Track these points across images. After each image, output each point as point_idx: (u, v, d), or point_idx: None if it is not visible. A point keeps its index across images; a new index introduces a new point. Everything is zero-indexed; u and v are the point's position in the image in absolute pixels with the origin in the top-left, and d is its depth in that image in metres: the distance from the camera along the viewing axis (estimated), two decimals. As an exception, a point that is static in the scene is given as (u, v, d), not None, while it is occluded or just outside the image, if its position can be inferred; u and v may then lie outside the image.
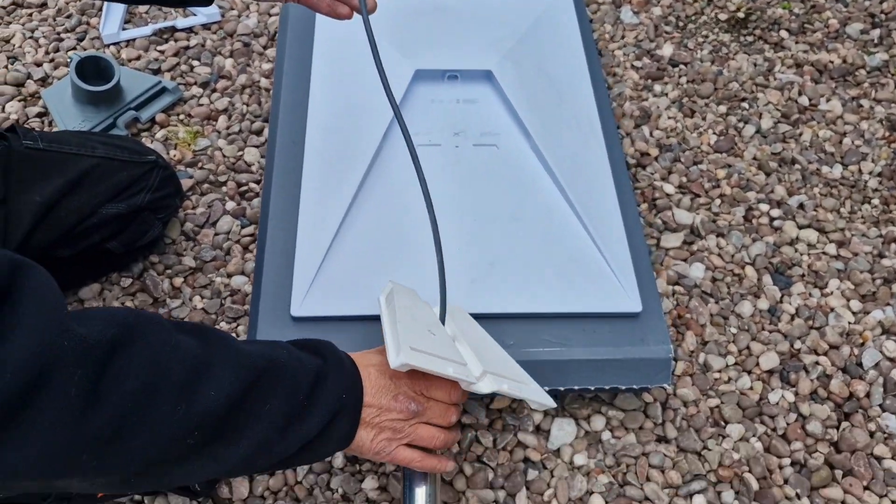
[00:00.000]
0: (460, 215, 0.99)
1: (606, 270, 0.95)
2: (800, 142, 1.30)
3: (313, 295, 0.92)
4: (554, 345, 0.92)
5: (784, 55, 1.43)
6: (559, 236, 0.98)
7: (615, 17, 1.47)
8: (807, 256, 1.16)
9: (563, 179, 1.02)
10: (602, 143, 1.09)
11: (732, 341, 1.07)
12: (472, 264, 0.95)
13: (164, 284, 1.07)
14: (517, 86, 1.11)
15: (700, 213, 1.19)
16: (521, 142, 1.08)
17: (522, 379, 0.80)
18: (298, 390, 0.60)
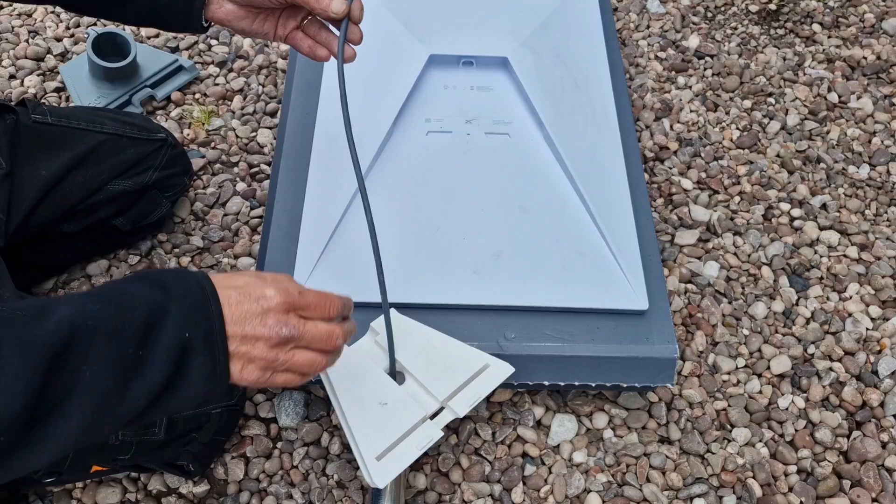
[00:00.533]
0: (467, 204, 0.98)
1: (614, 266, 0.93)
2: (826, 140, 1.26)
3: (315, 281, 0.91)
4: (556, 340, 0.90)
5: (815, 50, 1.39)
6: (567, 229, 0.96)
7: (641, 5, 1.44)
8: (826, 259, 1.12)
9: (575, 171, 0.99)
10: (617, 135, 1.06)
11: (744, 343, 1.04)
12: (476, 255, 0.94)
13: (172, 263, 1.07)
14: (533, 74, 1.09)
15: (718, 210, 1.16)
16: (533, 131, 1.05)
17: (476, 369, 0.79)
18: (125, 343, 0.51)
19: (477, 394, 0.78)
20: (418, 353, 0.82)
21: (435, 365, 0.81)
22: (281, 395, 0.96)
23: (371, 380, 0.79)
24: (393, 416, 0.75)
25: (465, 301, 0.91)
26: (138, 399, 0.51)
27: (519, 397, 0.98)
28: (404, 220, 0.96)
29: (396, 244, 0.94)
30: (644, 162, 1.21)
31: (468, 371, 0.80)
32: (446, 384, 0.79)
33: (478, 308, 0.91)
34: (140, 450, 0.79)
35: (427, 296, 0.91)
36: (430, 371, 0.80)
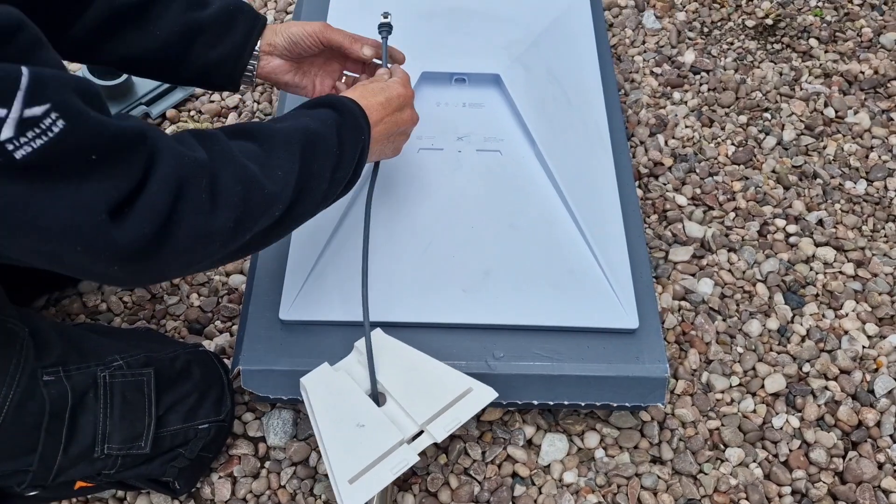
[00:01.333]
0: (457, 222, 0.97)
1: (604, 284, 0.93)
2: (823, 155, 1.25)
3: (303, 299, 0.91)
4: (545, 359, 0.89)
5: (812, 65, 1.38)
6: (558, 247, 0.96)
7: (637, 21, 1.43)
8: (822, 275, 1.11)
9: (566, 188, 0.99)
10: (610, 152, 1.06)
11: (738, 361, 1.03)
12: (465, 273, 0.93)
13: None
14: (525, 91, 1.09)
15: (712, 227, 1.15)
16: (525, 148, 1.05)
17: (458, 393, 0.78)
18: (331, 145, 0.71)
19: (457, 419, 0.77)
20: (400, 374, 0.82)
21: (416, 387, 0.80)
22: (270, 413, 0.96)
23: (350, 400, 0.79)
24: (369, 438, 0.75)
25: (453, 320, 0.90)
26: (338, 186, 0.74)
27: (509, 416, 0.97)
28: (394, 237, 0.96)
29: (385, 262, 0.93)
30: (638, 178, 1.21)
31: (450, 395, 0.79)
32: (426, 407, 0.78)
33: (467, 327, 0.91)
34: (125, 464, 0.79)
35: (415, 314, 0.90)
36: (411, 393, 0.80)
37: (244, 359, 0.88)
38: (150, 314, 1.04)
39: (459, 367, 0.85)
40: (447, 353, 0.88)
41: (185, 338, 1.02)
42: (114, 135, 0.53)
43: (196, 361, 0.86)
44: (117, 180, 0.53)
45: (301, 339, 0.90)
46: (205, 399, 0.85)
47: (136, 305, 1.05)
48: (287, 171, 0.66)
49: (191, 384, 0.84)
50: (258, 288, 0.94)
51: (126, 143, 0.54)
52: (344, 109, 0.75)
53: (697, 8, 1.46)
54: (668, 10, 1.46)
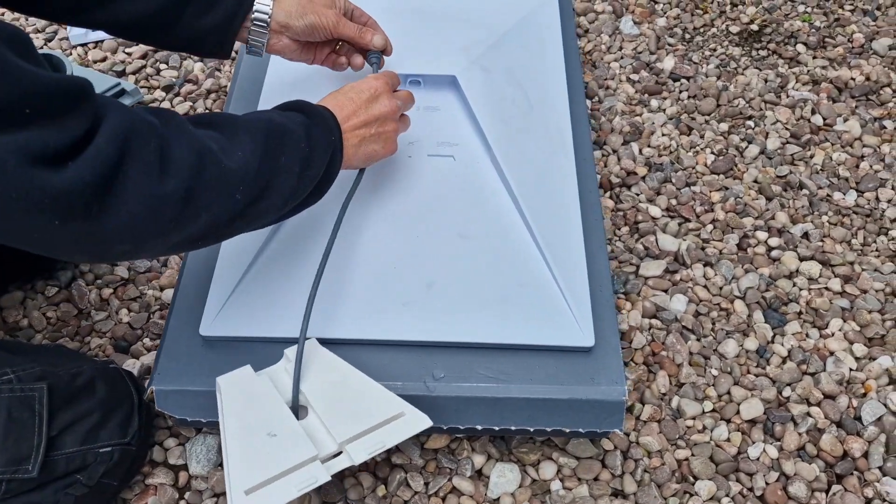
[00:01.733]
0: (402, 230, 0.90)
1: (558, 298, 0.84)
2: (810, 165, 1.17)
3: (227, 314, 0.83)
4: (490, 380, 0.81)
5: (799, 71, 1.30)
6: (510, 258, 0.88)
7: (614, 27, 1.36)
8: (806, 292, 1.02)
9: (521, 196, 0.91)
10: (572, 158, 0.98)
11: (712, 384, 0.94)
12: (407, 285, 0.85)
13: (92, 295, 1.00)
14: (482, 93, 1.01)
15: (687, 239, 1.07)
16: (481, 154, 0.98)
17: (390, 415, 0.71)
18: (300, 140, 0.69)
19: (381, 442, 0.69)
20: (328, 388, 0.74)
21: (343, 404, 0.73)
22: (194, 439, 0.88)
23: (267, 407, 0.71)
24: (279, 449, 0.67)
25: (390, 336, 0.82)
26: (308, 185, 0.71)
27: (457, 443, 0.89)
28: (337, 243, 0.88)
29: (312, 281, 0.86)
30: (609, 188, 1.13)
31: (378, 416, 0.72)
32: (349, 426, 0.70)
33: (405, 344, 0.83)
34: (10, 490, 0.70)
35: (348, 330, 0.82)
36: (336, 410, 0.72)
37: (158, 378, 0.81)
38: (73, 331, 0.97)
39: (395, 388, 0.77)
40: (381, 372, 0.80)
41: (109, 356, 0.94)
42: (47, 86, 0.50)
43: (102, 378, 0.79)
44: (55, 130, 0.50)
45: (223, 357, 0.82)
46: (108, 419, 0.77)
47: (60, 321, 0.98)
48: (248, 153, 0.64)
49: (93, 402, 0.76)
50: (181, 300, 0.87)
51: (64, 97, 0.51)
52: (312, 111, 0.74)
53: (679, 14, 1.39)
54: (647, 15, 1.39)
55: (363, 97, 0.80)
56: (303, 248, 0.88)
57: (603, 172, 1.14)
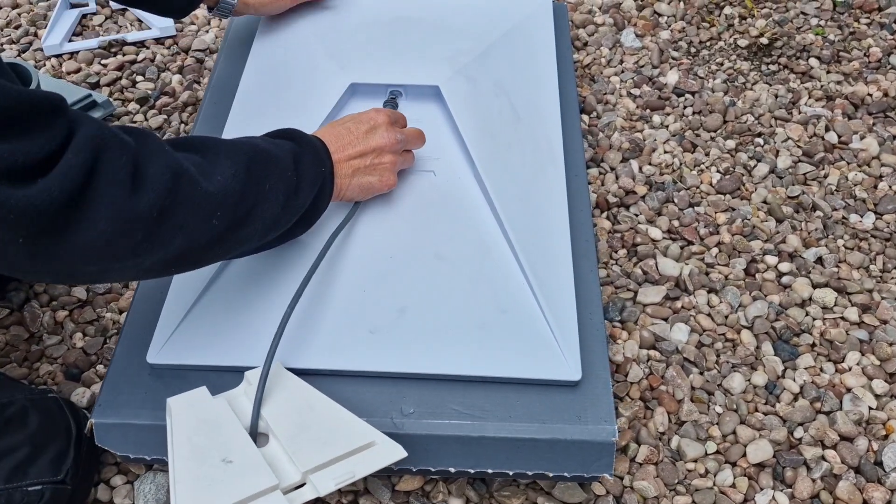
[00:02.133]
0: (373, 250, 0.83)
1: (543, 326, 0.76)
2: (824, 185, 1.09)
3: (176, 341, 0.76)
4: (463, 416, 0.72)
5: (812, 86, 1.23)
6: (490, 281, 0.80)
7: (615, 39, 1.30)
8: (820, 322, 0.94)
9: (505, 214, 0.84)
10: (562, 174, 0.91)
11: (716, 423, 0.85)
12: (375, 310, 0.78)
13: (46, 317, 0.93)
14: (466, 105, 0.94)
15: (690, 264, 0.99)
16: (463, 169, 0.91)
17: (361, 444, 0.65)
18: (286, 168, 0.67)
19: (351, 472, 0.62)
20: (293, 414, 0.67)
21: (308, 431, 0.66)
22: (143, 476, 0.80)
23: (223, 432, 0.64)
24: (235, 477, 0.60)
25: (354, 367, 0.74)
26: (292, 216, 0.69)
27: (432, 485, 0.80)
28: (293, 271, 0.81)
29: (279, 297, 0.78)
30: (606, 208, 1.05)
31: (347, 445, 0.65)
32: (315, 455, 0.63)
33: (371, 375, 0.75)
34: None
35: (309, 360, 0.74)
36: (300, 437, 0.65)
37: (99, 410, 0.73)
38: (22, 356, 0.90)
39: (358, 424, 0.70)
40: (344, 407, 0.72)
41: (58, 384, 0.87)
42: (17, 101, 0.48)
43: (37, 409, 0.72)
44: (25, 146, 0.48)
45: (173, 388, 0.74)
46: (39, 454, 0.70)
47: (9, 346, 0.91)
48: (228, 178, 0.61)
49: (22, 435, 0.69)
50: (131, 326, 0.80)
51: (36, 112, 0.49)
52: (301, 139, 0.73)
53: (684, 27, 1.32)
54: (650, 28, 1.32)
55: (361, 128, 0.79)
56: (260, 273, 0.81)
57: (599, 191, 1.07)
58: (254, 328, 0.76)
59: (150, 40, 1.28)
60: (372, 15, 1.08)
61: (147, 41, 1.28)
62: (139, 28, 1.30)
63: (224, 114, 0.97)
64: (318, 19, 1.07)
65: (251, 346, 0.75)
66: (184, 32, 1.30)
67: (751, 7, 1.35)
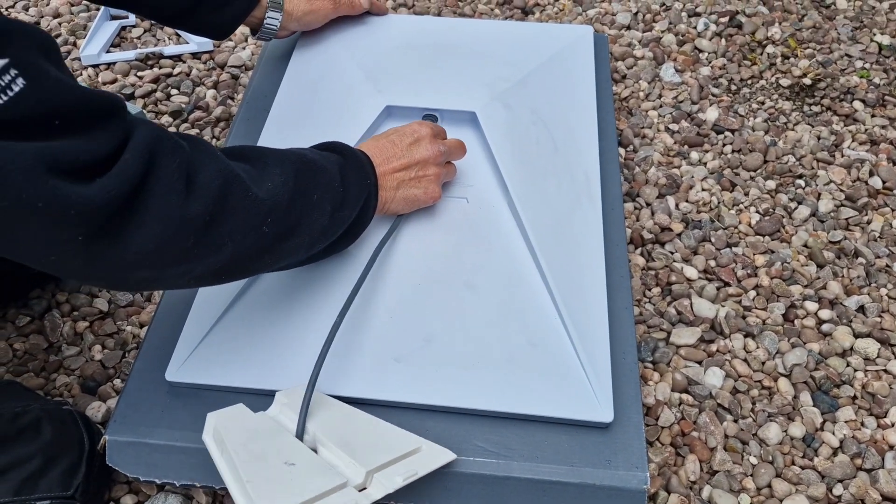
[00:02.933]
0: (402, 277, 0.80)
1: (574, 363, 0.74)
2: (867, 231, 1.05)
3: (197, 360, 0.74)
4: (489, 454, 0.70)
5: (856, 129, 1.19)
6: (520, 313, 0.78)
7: (654, 73, 1.27)
8: (862, 373, 0.90)
9: (539, 245, 0.81)
10: (599, 208, 0.88)
11: (750, 475, 0.81)
12: (400, 338, 0.75)
13: (66, 328, 0.91)
14: (503, 132, 0.93)
15: (726, 306, 0.95)
16: (497, 197, 0.89)
17: (409, 449, 0.65)
18: (333, 179, 0.67)
19: (413, 470, 0.62)
20: (336, 427, 0.66)
21: (357, 440, 0.64)
22: (154, 497, 0.78)
23: (276, 441, 0.63)
24: (302, 477, 0.58)
25: (377, 396, 0.72)
26: (338, 228, 0.69)
27: (450, 524, 0.77)
28: (320, 292, 0.79)
29: (306, 320, 0.76)
30: (641, 244, 1.02)
31: (399, 449, 0.64)
32: (372, 457, 0.62)
33: (394, 405, 0.72)
34: None
35: (330, 386, 0.72)
36: (352, 445, 0.63)
37: (113, 426, 0.71)
38: (40, 366, 0.88)
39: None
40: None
41: (74, 396, 0.85)
42: (80, 100, 0.49)
43: (50, 420, 0.70)
44: (85, 144, 0.48)
45: (190, 407, 0.73)
46: (50, 467, 0.68)
47: (28, 355, 0.89)
48: (279, 186, 0.61)
49: (34, 447, 0.67)
50: (151, 341, 0.78)
51: (97, 111, 0.50)
52: (347, 152, 0.73)
53: (725, 63, 1.30)
54: (690, 63, 1.30)
55: (405, 141, 0.79)
56: (287, 292, 0.79)
57: (634, 227, 1.04)
58: (279, 350, 0.74)
59: (187, 54, 1.28)
60: (409, 38, 1.07)
61: (184, 55, 1.27)
62: (177, 42, 1.30)
63: (256, 131, 0.96)
64: (355, 40, 1.06)
65: (275, 368, 0.73)
66: (220, 48, 1.30)
67: (794, 47, 1.33)
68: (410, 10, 1.40)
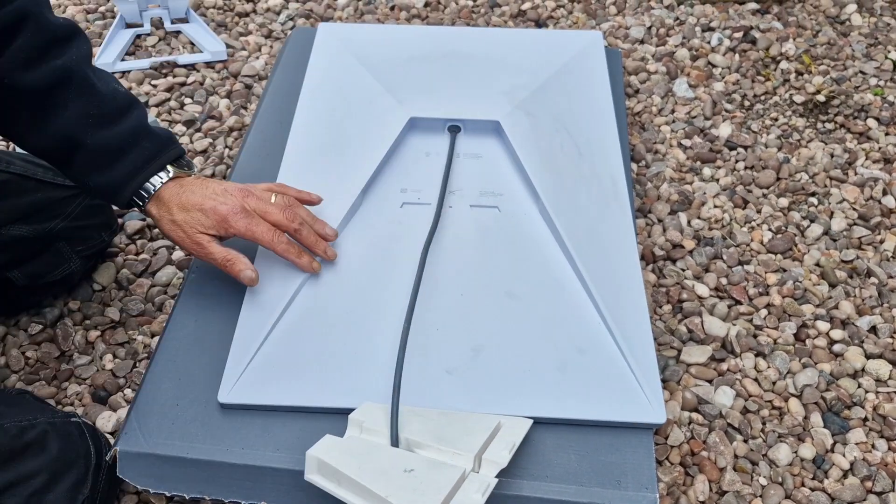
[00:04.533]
0: (444, 289, 0.81)
1: (623, 368, 0.75)
2: (880, 251, 1.05)
3: (248, 379, 0.74)
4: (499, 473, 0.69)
5: (870, 147, 1.19)
6: (564, 320, 0.79)
7: (667, 88, 1.27)
8: (873, 395, 0.89)
9: (575, 250, 0.82)
10: (628, 210, 0.89)
11: (759, 496, 0.81)
12: (450, 350, 0.76)
13: (78, 337, 0.92)
14: (528, 140, 0.93)
15: (738, 325, 0.95)
16: (528, 205, 0.89)
17: (494, 426, 0.67)
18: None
19: (511, 441, 0.66)
20: (422, 428, 0.67)
21: (445, 433, 0.66)
22: (163, 509, 0.78)
23: (381, 457, 0.63)
24: (427, 478, 0.60)
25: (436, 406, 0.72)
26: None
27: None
28: (366, 305, 0.79)
29: (353, 334, 0.77)
30: (652, 260, 1.02)
31: (487, 429, 0.66)
32: (470, 442, 0.64)
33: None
34: None
35: (387, 400, 0.72)
36: (444, 439, 0.65)
37: (123, 438, 0.71)
38: (51, 374, 0.88)
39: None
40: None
41: (85, 406, 0.86)
42: None
43: (57, 434, 0.70)
44: None
45: (201, 419, 0.73)
46: (57, 482, 0.68)
47: (39, 363, 0.90)
48: None
49: (40, 461, 0.67)
50: (162, 352, 0.78)
51: None
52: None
53: (739, 79, 1.30)
54: (703, 79, 1.29)
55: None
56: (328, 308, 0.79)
57: (646, 243, 1.04)
58: (331, 367, 0.75)
59: (201, 64, 1.28)
60: (423, 49, 1.07)
61: (198, 64, 1.28)
62: (191, 51, 1.31)
63: (272, 141, 0.97)
64: (369, 53, 1.06)
65: (329, 385, 0.74)
66: (234, 58, 1.31)
67: (808, 63, 1.33)
68: (424, 22, 1.41)
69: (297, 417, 0.73)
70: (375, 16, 1.42)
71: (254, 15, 1.42)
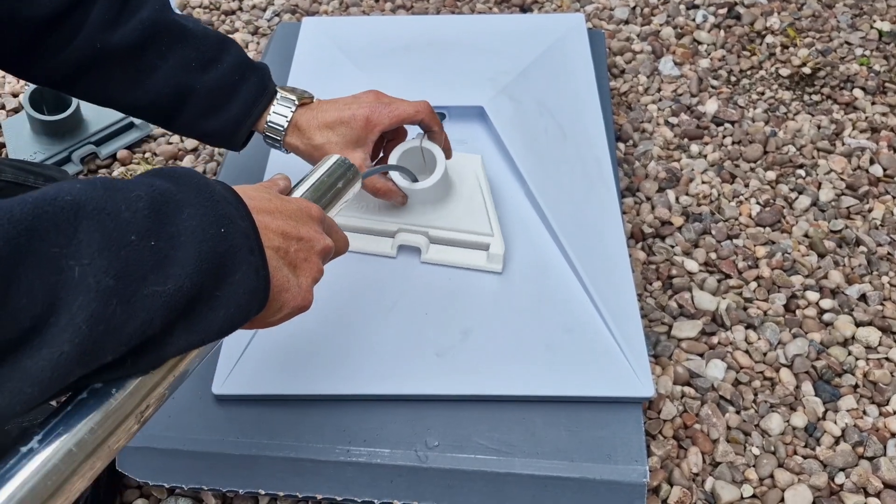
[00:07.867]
0: (431, 272, 0.82)
1: (611, 344, 0.77)
2: (868, 219, 1.05)
3: (241, 371, 0.75)
4: (490, 452, 0.71)
5: (856, 117, 1.19)
6: (552, 300, 0.81)
7: (652, 67, 1.28)
8: (864, 362, 0.90)
9: (561, 231, 0.83)
10: (613, 190, 0.90)
11: (752, 465, 0.82)
12: (439, 333, 0.78)
13: (75, 336, 0.93)
14: (512, 124, 0.94)
15: (727, 298, 0.96)
16: (513, 187, 0.90)
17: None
18: (124, 228, 0.37)
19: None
20: None
21: None
22: (166, 500, 0.79)
23: None
24: None
25: (423, 391, 0.73)
26: (152, 309, 0.38)
27: None
28: (355, 287, 0.80)
29: (343, 323, 0.78)
30: (641, 238, 1.03)
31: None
32: None
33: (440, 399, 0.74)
34: None
35: (376, 386, 0.73)
36: None
37: (122, 432, 0.72)
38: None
39: (382, 455, 0.69)
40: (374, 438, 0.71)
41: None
42: None
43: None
44: None
45: (197, 412, 0.74)
46: None
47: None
48: None
49: None
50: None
51: None
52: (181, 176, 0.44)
53: (724, 55, 1.30)
54: (689, 56, 1.30)
55: (288, 205, 0.52)
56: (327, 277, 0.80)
57: (634, 221, 1.04)
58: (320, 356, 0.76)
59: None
60: (404, 39, 1.08)
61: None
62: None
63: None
64: (353, 45, 1.07)
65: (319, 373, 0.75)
66: (222, 55, 1.31)
67: (793, 36, 1.33)
68: (409, 12, 1.41)
69: (289, 406, 0.74)
70: (360, 8, 1.42)
71: (240, 12, 1.42)
